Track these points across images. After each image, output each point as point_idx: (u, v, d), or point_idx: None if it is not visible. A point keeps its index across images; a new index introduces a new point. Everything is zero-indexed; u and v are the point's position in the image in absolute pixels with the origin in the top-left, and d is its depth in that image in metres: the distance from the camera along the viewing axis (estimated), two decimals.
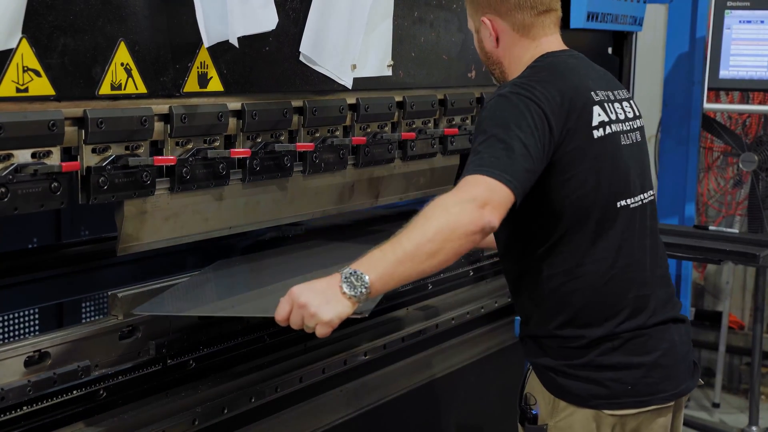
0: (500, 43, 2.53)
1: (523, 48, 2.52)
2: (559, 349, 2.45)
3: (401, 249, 2.08)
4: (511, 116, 2.27)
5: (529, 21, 2.51)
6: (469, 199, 2.12)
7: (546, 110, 2.30)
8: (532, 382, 2.53)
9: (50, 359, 2.24)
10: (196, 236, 2.57)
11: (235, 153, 2.51)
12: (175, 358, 2.50)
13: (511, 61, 2.54)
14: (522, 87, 2.34)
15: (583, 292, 2.42)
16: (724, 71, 4.94)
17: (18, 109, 1.95)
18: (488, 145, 2.23)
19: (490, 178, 2.15)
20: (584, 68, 2.54)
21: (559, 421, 2.44)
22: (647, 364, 2.43)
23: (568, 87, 2.39)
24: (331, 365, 2.86)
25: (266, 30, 2.46)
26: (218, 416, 2.50)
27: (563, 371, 2.43)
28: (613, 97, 2.51)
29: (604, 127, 2.41)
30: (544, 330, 2.46)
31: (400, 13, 2.96)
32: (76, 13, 2.03)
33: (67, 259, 3.17)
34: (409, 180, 3.32)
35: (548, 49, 2.52)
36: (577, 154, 2.35)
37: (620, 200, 2.43)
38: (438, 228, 2.09)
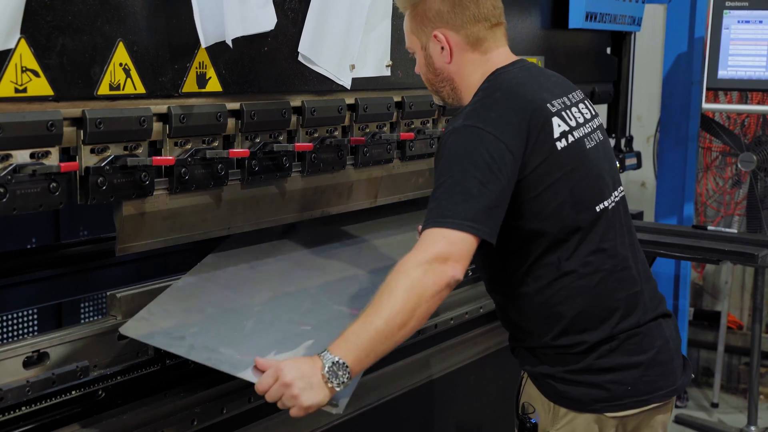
0: (453, 58, 2.47)
1: (475, 63, 2.47)
2: (557, 356, 2.43)
3: (373, 327, 2.11)
4: (465, 155, 2.24)
5: (482, 34, 2.46)
6: (429, 258, 2.13)
7: (502, 137, 2.26)
8: (528, 390, 2.51)
9: (49, 359, 2.24)
10: (194, 236, 2.57)
11: (233, 153, 2.51)
12: (174, 358, 2.50)
13: (462, 78, 2.49)
14: (476, 117, 2.30)
15: (574, 300, 2.40)
16: (723, 71, 4.95)
17: (16, 109, 1.95)
18: (445, 191, 2.22)
19: (448, 229, 2.15)
20: (536, 79, 2.49)
21: (560, 428, 2.43)
22: (645, 362, 2.43)
23: (523, 105, 2.35)
24: None
25: (265, 30, 2.46)
26: (217, 416, 2.50)
27: (562, 378, 2.42)
28: (569, 102, 2.48)
29: (566, 136, 2.39)
30: (539, 343, 2.44)
31: (399, 13, 2.95)
32: (75, 13, 2.03)
33: (66, 259, 3.17)
34: (407, 180, 3.32)
35: (498, 63, 2.48)
36: (545, 169, 2.33)
37: (597, 204, 2.41)
38: (404, 298, 2.11)
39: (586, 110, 2.54)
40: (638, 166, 4.64)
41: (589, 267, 2.39)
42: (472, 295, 3.58)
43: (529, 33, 3.62)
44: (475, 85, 2.46)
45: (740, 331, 6.37)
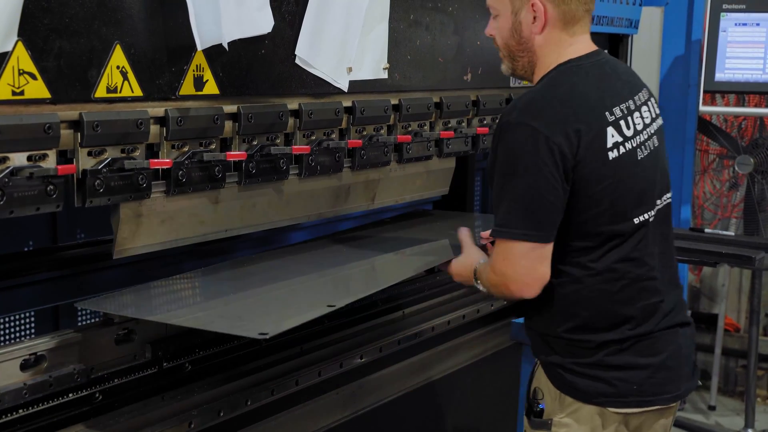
0: (544, 32, 2.46)
1: (560, 43, 2.46)
2: (568, 348, 2.47)
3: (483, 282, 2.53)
4: (524, 158, 2.31)
5: (579, 15, 2.46)
6: (500, 281, 2.41)
7: (556, 139, 2.30)
8: (539, 377, 2.55)
9: (46, 362, 2.24)
10: (191, 239, 2.57)
11: (230, 156, 2.51)
12: (171, 361, 2.50)
13: (543, 54, 2.49)
14: (533, 113, 2.34)
15: (593, 301, 2.43)
16: (720, 74, 4.96)
17: (14, 112, 1.95)
18: (506, 197, 2.35)
19: (514, 241, 2.34)
20: (605, 80, 2.48)
21: (564, 417, 2.47)
22: (654, 365, 2.45)
23: (582, 109, 2.37)
24: (327, 368, 2.86)
25: (262, 33, 2.46)
26: (214, 419, 2.50)
27: (571, 369, 2.46)
28: (633, 106, 2.48)
29: (619, 147, 2.40)
30: (552, 331, 2.49)
31: (396, 15, 2.96)
32: (72, 15, 2.03)
33: (63, 261, 3.17)
34: (405, 183, 3.32)
35: (577, 51, 2.47)
36: (592, 178, 2.36)
37: (635, 216, 2.44)
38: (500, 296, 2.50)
39: (648, 113, 2.53)
40: None
41: (614, 273, 2.42)
42: (469, 297, 3.59)
43: None
44: (549, 66, 2.47)
45: (737, 334, 6.38)
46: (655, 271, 2.48)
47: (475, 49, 3.35)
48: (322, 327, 2.95)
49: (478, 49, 3.36)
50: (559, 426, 2.47)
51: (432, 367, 3.43)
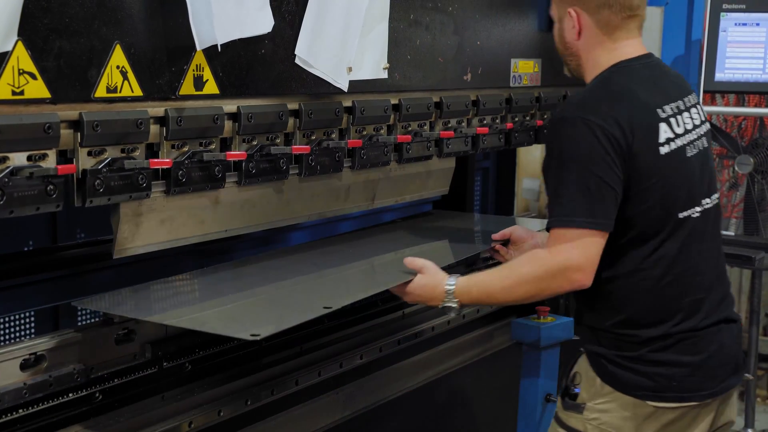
0: (581, 38, 2.60)
1: (603, 48, 2.58)
2: (613, 341, 2.54)
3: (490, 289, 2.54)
4: (580, 149, 2.40)
5: (614, 22, 2.57)
6: (558, 264, 2.40)
7: (613, 131, 2.39)
8: (581, 363, 2.64)
9: (46, 362, 2.24)
10: (191, 239, 2.57)
11: (230, 156, 2.51)
12: (171, 360, 2.50)
13: (588, 57, 2.61)
14: (588, 108, 2.44)
15: (639, 297, 2.50)
16: (720, 74, 4.95)
17: (14, 111, 1.95)
18: (565, 188, 2.40)
19: (577, 229, 2.38)
20: (656, 81, 2.59)
21: (598, 404, 2.54)
22: (694, 363, 2.52)
23: (635, 105, 2.47)
24: (327, 368, 2.86)
25: (262, 33, 2.46)
26: (214, 419, 2.50)
27: (615, 361, 2.53)
28: (683, 107, 2.58)
29: (670, 143, 2.49)
30: (601, 324, 2.56)
31: (396, 15, 2.96)
32: (72, 15, 2.03)
33: (63, 261, 3.17)
34: (404, 183, 3.32)
35: (626, 54, 2.58)
36: (644, 172, 2.44)
37: (682, 212, 2.51)
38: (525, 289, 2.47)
39: (697, 116, 2.62)
40: None
41: (659, 270, 2.49)
42: None
43: (525, 35, 3.63)
44: (597, 68, 2.58)
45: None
46: (701, 267, 2.55)
47: (475, 49, 3.35)
48: (321, 327, 2.95)
49: (478, 49, 3.36)
50: (591, 411, 2.55)
51: (432, 367, 3.43)
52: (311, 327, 2.92)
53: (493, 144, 3.54)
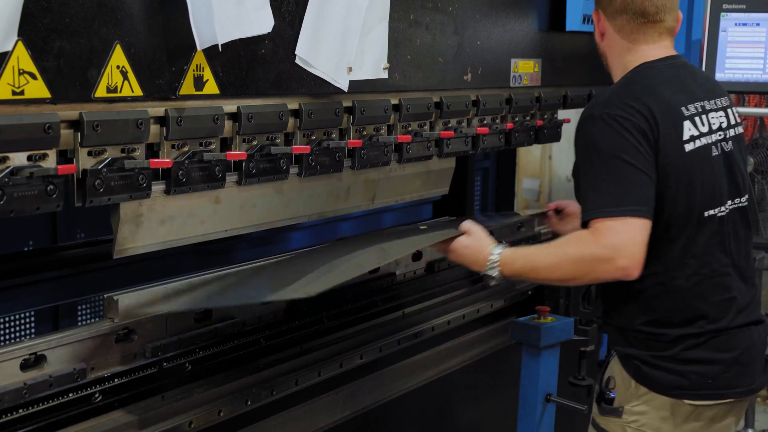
0: (604, 39, 2.77)
1: (623, 49, 2.72)
2: (645, 341, 2.59)
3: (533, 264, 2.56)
4: (614, 142, 2.47)
5: (630, 26, 2.68)
6: (607, 254, 2.40)
7: (641, 124, 2.47)
8: (613, 367, 2.67)
9: (46, 362, 2.24)
10: (192, 239, 2.57)
11: (231, 156, 2.51)
12: (171, 360, 2.50)
13: (613, 59, 2.78)
14: (614, 105, 2.53)
15: (669, 296, 2.55)
16: (720, 74, 4.95)
17: (14, 111, 1.95)
18: (604, 180, 2.46)
19: (620, 218, 2.41)
20: (679, 80, 2.65)
21: (635, 406, 2.59)
22: (728, 360, 2.58)
23: (658, 103, 2.53)
24: (327, 368, 2.86)
25: (262, 33, 2.46)
26: (214, 419, 2.50)
27: (648, 361, 2.58)
28: (708, 107, 2.62)
29: (695, 140, 2.54)
30: (630, 324, 2.61)
31: (396, 15, 2.96)
32: (72, 15, 2.03)
33: (63, 261, 3.17)
34: (405, 183, 3.32)
35: (648, 57, 2.67)
36: (670, 169, 2.49)
37: (707, 210, 2.55)
38: (568, 269, 2.49)
39: (725, 119, 2.66)
40: None
41: (688, 269, 2.54)
42: (469, 297, 3.59)
43: (526, 35, 3.63)
44: (622, 68, 2.72)
45: None
46: (728, 268, 2.59)
47: (475, 49, 3.35)
48: (322, 327, 2.95)
49: (478, 49, 3.36)
50: (630, 414, 2.59)
51: (432, 367, 3.43)
52: (311, 327, 2.92)
53: (493, 144, 3.54)
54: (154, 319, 2.50)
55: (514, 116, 3.64)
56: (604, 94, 2.67)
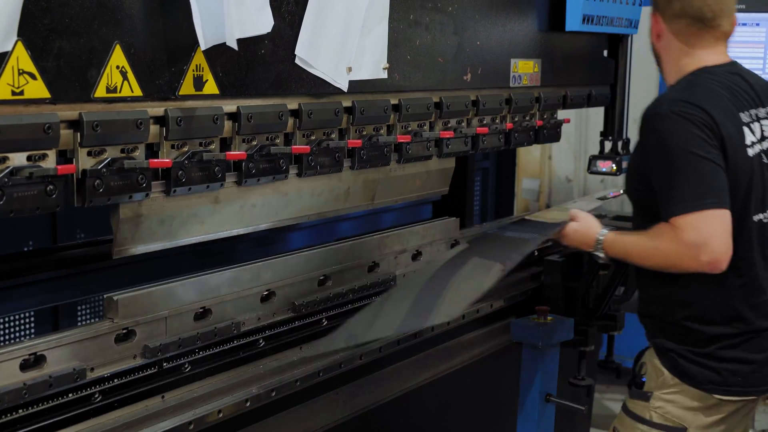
0: (660, 41, 2.85)
1: (680, 51, 2.79)
2: (683, 336, 2.70)
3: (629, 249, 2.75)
4: (684, 137, 2.55)
5: (686, 31, 2.74)
6: (692, 249, 2.50)
7: (707, 121, 2.57)
8: (649, 356, 2.82)
9: (46, 362, 2.24)
10: (191, 239, 2.57)
11: (230, 156, 2.51)
12: (171, 361, 2.50)
13: (668, 60, 2.85)
14: (680, 104, 2.60)
15: (713, 295, 2.65)
16: None
17: (13, 112, 1.95)
18: (681, 175, 2.53)
19: (704, 211, 2.49)
20: (737, 87, 2.71)
21: (665, 394, 2.72)
22: (759, 361, 2.69)
23: (720, 107, 2.60)
24: (327, 368, 2.86)
25: (262, 33, 2.46)
26: (214, 419, 2.50)
27: (685, 355, 2.70)
28: (761, 115, 2.71)
29: (754, 146, 2.63)
30: (669, 318, 2.73)
31: (396, 15, 2.96)
32: (72, 15, 2.03)
33: (62, 261, 3.17)
34: (404, 183, 3.32)
35: (705, 61, 2.73)
36: (736, 170, 2.58)
37: (757, 215, 2.65)
38: (657, 261, 2.64)
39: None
40: None
41: (735, 270, 2.61)
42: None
43: (525, 35, 3.63)
44: (677, 70, 2.80)
45: None
46: (766, 272, 2.70)
47: (474, 49, 3.35)
48: (321, 328, 2.95)
49: (477, 49, 3.36)
50: (657, 399, 2.73)
51: (432, 367, 3.43)
52: (311, 328, 2.92)
53: (493, 144, 3.54)
54: (154, 319, 2.50)
55: (513, 116, 3.64)
56: (666, 94, 2.74)
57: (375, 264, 3.28)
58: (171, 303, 2.56)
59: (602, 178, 6.68)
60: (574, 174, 6.93)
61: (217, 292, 2.70)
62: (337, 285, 3.09)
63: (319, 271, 3.04)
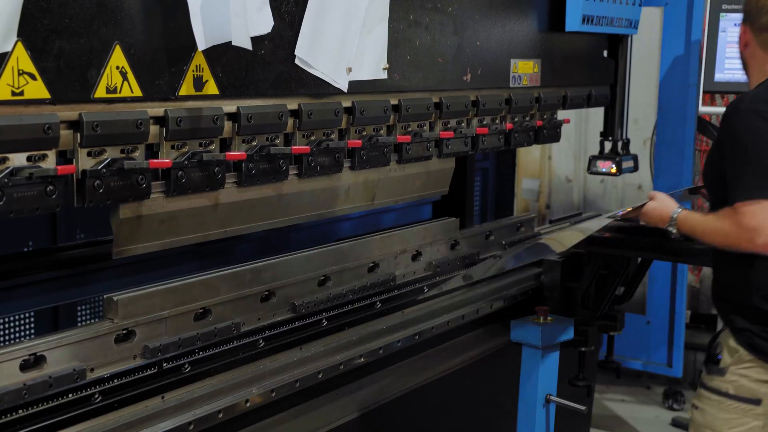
0: (747, 49, 3.15)
1: (764, 60, 3.08)
2: (759, 317, 2.97)
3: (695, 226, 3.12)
4: (756, 132, 2.89)
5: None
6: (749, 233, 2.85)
7: None
8: (724, 336, 3.09)
9: (46, 363, 2.24)
10: (191, 239, 2.57)
11: (230, 156, 2.51)
12: (171, 361, 2.50)
13: (752, 66, 3.14)
14: (759, 102, 2.94)
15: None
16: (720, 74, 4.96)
17: (13, 112, 1.95)
18: (750, 166, 2.87)
19: (759, 201, 2.83)
20: None
21: (739, 368, 3.00)
22: None
23: None
24: (327, 369, 2.86)
25: (262, 33, 2.46)
26: (214, 420, 2.50)
27: (759, 334, 2.97)
28: None
29: None
30: (745, 300, 2.99)
31: (396, 16, 2.96)
32: (72, 16, 2.03)
33: (62, 262, 3.17)
34: (404, 183, 3.32)
35: None
36: None
37: None
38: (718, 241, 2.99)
39: None
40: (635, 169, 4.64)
41: None
42: (468, 297, 3.59)
43: (525, 36, 3.63)
44: (760, 75, 3.09)
45: None
46: None
47: (474, 49, 3.35)
48: (321, 328, 2.95)
49: (477, 49, 3.36)
50: (732, 374, 3.01)
51: (432, 367, 3.43)
52: (310, 329, 2.92)
53: (493, 144, 3.54)
54: (154, 319, 2.50)
55: (513, 116, 3.64)
56: (748, 93, 3.05)
57: (375, 264, 3.28)
58: (171, 303, 2.56)
59: (602, 179, 6.69)
60: (573, 174, 6.93)
61: (217, 293, 2.70)
62: (336, 285, 3.09)
63: (319, 271, 3.04)
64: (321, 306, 2.99)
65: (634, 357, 5.84)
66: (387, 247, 3.35)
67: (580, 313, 3.76)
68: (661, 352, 5.81)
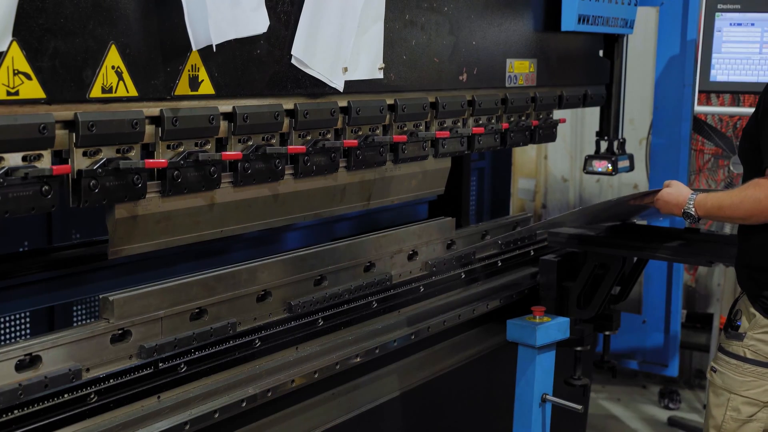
0: None
1: None
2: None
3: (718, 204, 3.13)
4: None
5: None
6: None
7: None
8: (743, 302, 3.17)
9: (41, 363, 2.24)
10: (187, 239, 2.57)
11: (226, 156, 2.50)
12: (167, 361, 2.50)
13: None
14: None
15: None
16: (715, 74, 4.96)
17: (8, 112, 1.95)
18: None
19: None
20: None
21: (756, 333, 3.08)
22: None
23: None
24: (324, 369, 2.86)
25: (257, 33, 2.46)
26: (210, 420, 2.50)
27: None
28: None
29: None
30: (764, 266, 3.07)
31: (391, 16, 2.96)
32: (67, 15, 2.03)
33: (58, 262, 3.17)
34: (400, 183, 3.32)
35: None
36: None
37: None
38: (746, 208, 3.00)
39: None
40: (631, 168, 4.65)
41: None
42: (464, 297, 3.59)
43: (521, 35, 3.63)
44: None
45: None
46: None
47: (470, 49, 3.35)
48: (318, 328, 2.95)
49: (473, 49, 3.36)
50: (750, 339, 3.09)
51: (428, 367, 3.43)
52: (308, 329, 2.92)
53: (489, 144, 3.54)
54: (150, 319, 2.50)
55: (509, 116, 3.65)
56: None
57: (371, 264, 3.28)
58: (167, 303, 2.56)
59: (598, 178, 6.69)
60: (569, 174, 6.93)
61: (213, 293, 2.69)
62: (333, 285, 3.09)
63: (315, 271, 3.03)
64: (317, 306, 2.99)
65: (630, 356, 5.85)
66: (383, 246, 3.35)
67: (576, 312, 3.76)
68: (656, 351, 5.81)
